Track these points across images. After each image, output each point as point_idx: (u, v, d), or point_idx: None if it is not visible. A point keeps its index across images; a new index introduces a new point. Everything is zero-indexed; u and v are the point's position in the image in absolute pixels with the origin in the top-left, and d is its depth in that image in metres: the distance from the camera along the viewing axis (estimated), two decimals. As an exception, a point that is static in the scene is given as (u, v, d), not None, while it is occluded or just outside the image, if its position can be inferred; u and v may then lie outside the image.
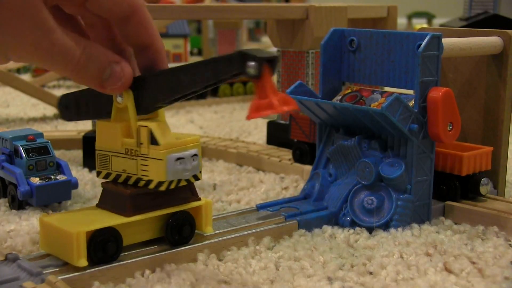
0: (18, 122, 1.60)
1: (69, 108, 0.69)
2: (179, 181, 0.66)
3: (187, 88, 0.62)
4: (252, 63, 0.57)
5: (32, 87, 1.67)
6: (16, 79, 1.67)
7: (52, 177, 0.90)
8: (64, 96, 0.69)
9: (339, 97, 0.87)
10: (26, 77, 2.24)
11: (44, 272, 0.62)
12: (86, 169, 1.11)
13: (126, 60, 0.62)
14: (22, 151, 0.89)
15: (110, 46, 0.65)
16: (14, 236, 0.78)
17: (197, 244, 0.71)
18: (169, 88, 0.63)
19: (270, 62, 0.58)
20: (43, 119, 1.64)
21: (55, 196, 0.89)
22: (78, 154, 1.19)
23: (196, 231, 0.71)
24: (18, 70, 2.40)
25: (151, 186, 0.65)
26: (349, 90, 0.87)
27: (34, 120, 1.63)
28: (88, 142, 1.12)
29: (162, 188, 0.65)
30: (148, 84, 0.64)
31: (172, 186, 0.66)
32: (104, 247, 0.64)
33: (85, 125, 1.53)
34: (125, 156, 0.66)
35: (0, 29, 0.54)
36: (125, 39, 0.65)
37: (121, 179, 0.67)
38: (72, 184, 0.90)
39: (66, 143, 1.25)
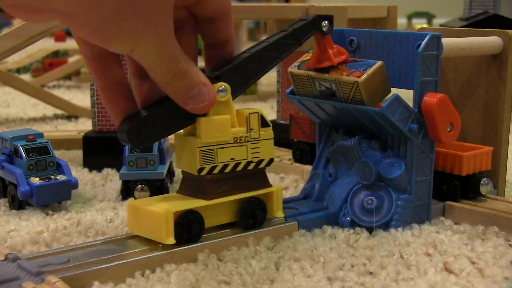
0: (18, 122, 1.60)
1: (141, 133, 0.65)
2: None
3: (274, 62, 0.72)
4: (326, 22, 0.76)
5: (32, 87, 1.67)
6: (16, 79, 1.67)
7: (52, 177, 0.90)
8: (133, 124, 0.64)
9: (297, 64, 0.84)
10: (26, 77, 2.24)
11: (44, 272, 0.62)
12: (86, 169, 1.11)
13: (213, 87, 0.66)
14: (22, 151, 0.89)
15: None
16: (14, 236, 0.78)
17: (197, 244, 0.71)
18: (259, 67, 0.71)
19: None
20: (43, 119, 1.64)
21: (55, 196, 0.89)
22: (78, 154, 1.19)
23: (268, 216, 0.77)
24: (18, 70, 2.40)
25: (262, 165, 0.74)
26: (308, 57, 0.84)
27: (34, 120, 1.63)
28: (88, 142, 1.12)
29: (270, 164, 0.75)
30: (239, 71, 0.70)
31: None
32: (189, 228, 0.70)
33: (85, 125, 1.53)
34: (234, 145, 0.71)
35: (142, 18, 0.56)
36: (207, 35, 0.69)
37: (228, 168, 0.72)
38: (72, 184, 0.90)
39: (66, 143, 1.25)
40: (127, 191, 0.94)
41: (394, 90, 0.83)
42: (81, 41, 0.62)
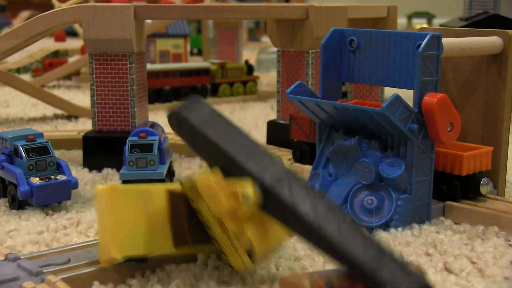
0: (18, 122, 1.60)
1: (183, 128, 0.65)
2: None
3: None
4: None
5: (32, 87, 1.67)
6: (16, 79, 1.67)
7: (52, 177, 0.90)
8: (179, 117, 0.64)
9: None
10: (26, 77, 2.24)
11: (44, 272, 0.62)
12: (86, 169, 1.10)
13: None
14: (22, 151, 0.89)
15: None
16: (14, 236, 0.78)
17: (197, 244, 0.71)
18: None
19: None
20: (43, 119, 1.64)
21: (55, 196, 0.89)
22: (78, 154, 1.19)
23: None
24: (18, 70, 2.40)
25: None
26: None
27: (34, 120, 1.63)
28: (88, 142, 1.12)
29: None
30: None
31: None
32: None
33: (85, 125, 1.53)
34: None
35: None
36: None
37: None
38: (72, 184, 0.90)
39: (66, 143, 1.25)
40: (127, 191, 0.94)
41: (394, 90, 0.83)
42: None
